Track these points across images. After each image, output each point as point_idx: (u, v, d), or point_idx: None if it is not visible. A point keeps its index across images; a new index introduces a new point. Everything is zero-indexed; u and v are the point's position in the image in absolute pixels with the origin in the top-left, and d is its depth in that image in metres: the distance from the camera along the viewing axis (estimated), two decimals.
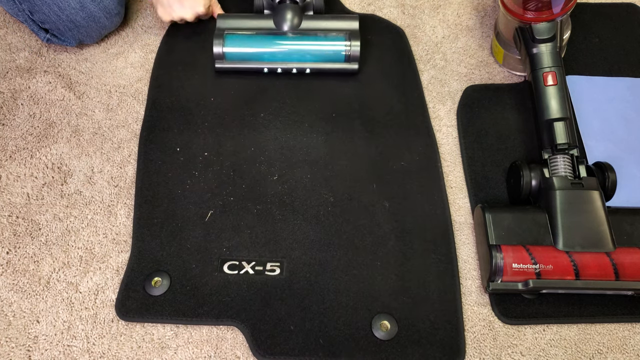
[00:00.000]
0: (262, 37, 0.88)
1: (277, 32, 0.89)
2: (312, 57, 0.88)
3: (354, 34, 0.88)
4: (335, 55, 0.88)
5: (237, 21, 0.90)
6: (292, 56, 0.88)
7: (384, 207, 0.79)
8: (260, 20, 0.91)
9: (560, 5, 0.80)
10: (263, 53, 0.88)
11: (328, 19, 0.90)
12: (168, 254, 0.74)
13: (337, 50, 0.88)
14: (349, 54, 0.88)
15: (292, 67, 0.89)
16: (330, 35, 0.88)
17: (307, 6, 0.92)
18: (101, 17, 0.88)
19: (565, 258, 0.68)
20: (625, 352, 0.70)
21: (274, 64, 0.89)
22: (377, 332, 0.69)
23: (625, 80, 0.93)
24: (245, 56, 0.89)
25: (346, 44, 0.87)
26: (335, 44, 0.88)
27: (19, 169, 0.81)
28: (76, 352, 0.67)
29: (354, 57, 0.88)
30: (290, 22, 0.89)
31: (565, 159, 0.75)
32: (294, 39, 0.88)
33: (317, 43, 0.88)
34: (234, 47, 0.88)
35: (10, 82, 0.89)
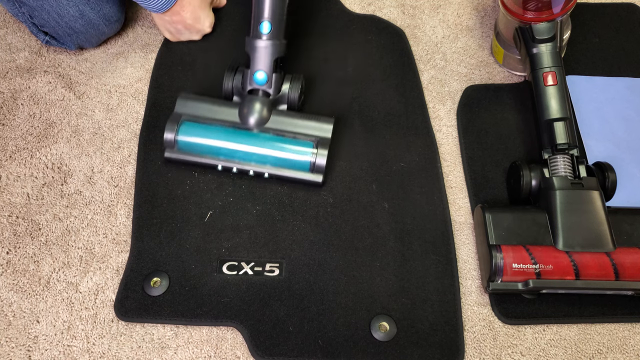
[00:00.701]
0: (223, 131, 0.78)
1: (241, 126, 0.79)
2: (273, 161, 0.78)
3: (323, 142, 0.77)
4: (298, 163, 0.78)
5: (199, 106, 0.80)
6: (251, 157, 0.78)
7: (384, 208, 0.79)
8: (224, 110, 0.80)
9: (560, 5, 0.80)
10: (220, 148, 0.78)
11: (300, 118, 0.80)
12: (167, 254, 0.74)
13: (302, 160, 0.77)
14: (313, 163, 0.77)
15: (250, 169, 0.78)
16: (298, 139, 0.78)
17: (280, 99, 0.81)
18: (100, 25, 0.88)
19: (565, 258, 0.68)
20: (625, 352, 0.70)
21: (230, 163, 0.78)
22: (376, 333, 0.69)
23: (625, 80, 0.92)
24: (200, 149, 0.78)
25: (313, 151, 0.77)
26: (301, 150, 0.77)
27: (19, 169, 0.81)
28: (76, 352, 0.67)
29: (319, 168, 0.77)
30: (258, 116, 0.78)
31: (565, 159, 0.75)
32: (258, 138, 0.78)
33: (281, 146, 0.77)
34: (188, 137, 0.78)
35: (10, 82, 0.90)
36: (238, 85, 0.81)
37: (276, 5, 0.78)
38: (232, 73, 0.82)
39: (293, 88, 0.81)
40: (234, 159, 0.78)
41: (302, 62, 0.93)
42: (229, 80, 0.82)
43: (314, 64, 0.93)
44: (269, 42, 0.78)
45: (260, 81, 0.79)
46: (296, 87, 0.81)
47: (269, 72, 0.79)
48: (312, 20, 0.99)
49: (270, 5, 0.78)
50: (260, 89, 0.80)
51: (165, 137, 0.78)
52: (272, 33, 0.78)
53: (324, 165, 0.77)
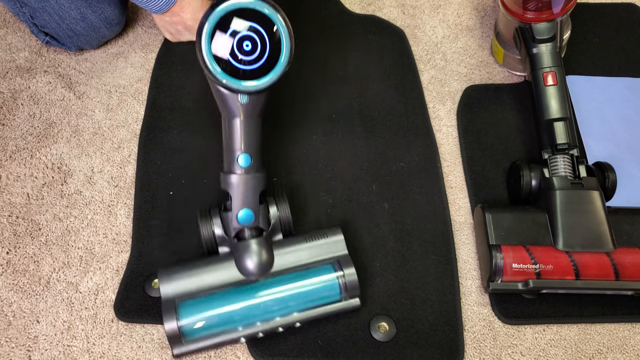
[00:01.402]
0: (227, 294, 0.64)
1: (243, 281, 0.65)
2: (298, 306, 0.66)
3: (344, 260, 0.67)
4: (327, 296, 0.66)
5: (187, 277, 0.65)
6: (273, 311, 0.65)
7: (384, 208, 0.79)
8: (217, 268, 0.66)
9: (560, 5, 0.80)
10: (234, 317, 0.64)
11: (305, 242, 0.68)
12: (168, 254, 0.74)
13: (330, 290, 0.66)
14: (345, 287, 0.66)
15: (277, 326, 0.65)
16: (315, 268, 0.67)
17: (274, 230, 0.69)
18: (101, 27, 0.88)
19: (565, 258, 0.68)
20: (625, 352, 0.70)
21: (252, 329, 0.65)
22: (376, 333, 0.69)
23: (625, 80, 0.92)
24: (212, 328, 0.64)
25: (337, 274, 0.66)
26: (324, 280, 0.66)
27: (19, 169, 0.81)
28: (76, 352, 0.67)
29: (353, 290, 0.66)
30: (260, 263, 0.65)
31: (565, 159, 0.75)
32: (270, 286, 0.65)
33: (300, 287, 0.65)
34: (193, 319, 0.63)
35: (10, 82, 0.90)
36: (220, 232, 0.67)
37: (253, 133, 0.65)
38: (207, 220, 0.68)
39: (282, 209, 0.69)
40: (255, 322, 0.65)
41: (302, 62, 0.93)
42: (207, 228, 0.67)
43: (314, 63, 0.93)
44: (249, 176, 0.65)
45: (246, 220, 0.66)
46: (285, 206, 0.69)
47: (255, 207, 0.66)
48: (312, 20, 0.99)
49: (245, 135, 0.65)
50: (248, 229, 0.67)
51: (167, 331, 0.62)
52: (252, 166, 0.65)
53: (356, 283, 0.66)
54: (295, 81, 0.91)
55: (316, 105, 0.88)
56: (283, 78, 0.62)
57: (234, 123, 0.64)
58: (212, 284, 0.65)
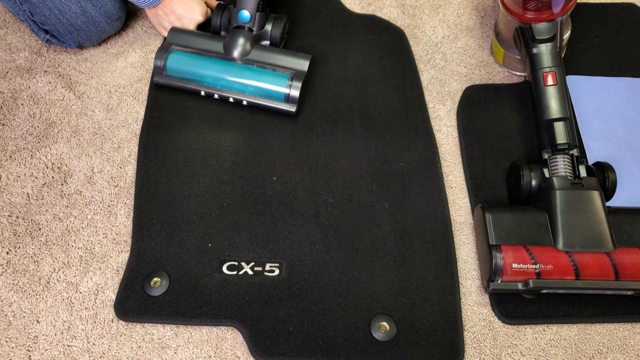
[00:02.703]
0: (208, 60, 0.86)
1: (225, 57, 0.86)
2: (252, 90, 0.85)
3: (298, 75, 0.84)
4: (275, 93, 0.85)
5: (188, 38, 0.88)
6: (233, 85, 0.85)
7: (384, 208, 0.79)
8: (211, 42, 0.88)
9: (560, 5, 0.80)
10: (205, 76, 0.86)
11: (279, 53, 0.87)
12: (167, 254, 0.74)
13: (277, 89, 0.84)
14: (288, 94, 0.84)
15: (230, 95, 0.86)
16: (276, 72, 0.85)
17: (263, 35, 0.89)
18: (102, 22, 0.88)
19: (565, 258, 0.68)
20: (625, 352, 0.70)
21: (213, 90, 0.86)
22: (376, 333, 0.69)
23: (625, 80, 0.92)
24: (186, 75, 0.86)
25: (288, 83, 0.84)
26: (277, 81, 0.84)
27: (19, 169, 0.81)
28: (76, 352, 0.67)
29: (293, 99, 0.84)
30: (241, 49, 0.86)
31: (565, 159, 0.75)
32: (239, 68, 0.85)
33: (259, 77, 0.85)
34: (176, 64, 0.86)
35: (10, 82, 0.89)
36: (225, 22, 0.89)
37: None
38: (220, 11, 0.89)
39: (275, 27, 0.88)
40: (217, 87, 0.86)
41: None
42: (217, 17, 0.89)
43: (314, 63, 0.93)
44: None
45: (244, 18, 0.86)
46: (278, 26, 0.88)
47: (253, 11, 0.86)
48: (312, 20, 0.99)
49: None
50: (245, 26, 0.87)
51: (155, 63, 0.85)
52: None
53: (297, 96, 0.83)
54: None
55: (316, 105, 0.88)
56: None
57: None
58: (202, 48, 0.87)
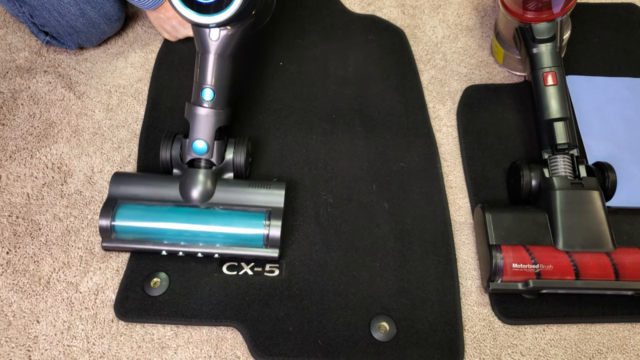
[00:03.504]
0: (164, 210, 0.71)
1: (183, 203, 0.72)
2: (223, 239, 0.71)
3: (276, 212, 0.71)
4: (250, 238, 0.71)
5: (135, 185, 0.73)
6: (198, 236, 0.71)
7: (384, 208, 0.79)
8: (163, 186, 0.73)
9: (560, 5, 0.80)
10: (163, 231, 0.71)
11: (248, 188, 0.74)
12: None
13: (254, 234, 0.70)
14: (266, 235, 0.70)
15: (197, 250, 0.71)
16: (248, 211, 0.72)
17: (225, 168, 0.75)
18: (101, 24, 0.88)
19: (565, 258, 0.68)
20: (625, 352, 0.70)
21: (175, 247, 0.71)
22: (376, 333, 0.69)
23: (625, 80, 0.92)
24: (140, 234, 0.71)
25: (265, 223, 0.70)
26: (252, 223, 0.71)
27: (19, 169, 0.81)
28: (76, 352, 0.67)
29: (273, 241, 0.70)
30: (202, 190, 0.72)
31: (565, 159, 0.75)
32: (203, 214, 0.71)
33: (229, 222, 0.71)
34: (125, 222, 0.70)
35: (10, 82, 0.90)
36: (176, 156, 0.74)
37: (221, 71, 0.72)
38: (169, 142, 0.75)
39: (238, 153, 0.75)
40: (179, 242, 0.71)
41: (302, 62, 0.93)
42: (166, 150, 0.74)
43: (314, 63, 0.93)
44: (210, 110, 0.72)
45: (200, 151, 0.72)
46: (241, 151, 0.75)
47: (210, 140, 0.72)
48: (312, 20, 0.99)
49: (214, 71, 0.71)
50: (202, 159, 0.73)
51: (100, 225, 0.70)
52: (215, 101, 0.72)
53: (278, 237, 0.70)
54: (295, 81, 0.91)
55: (316, 105, 0.88)
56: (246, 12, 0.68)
57: (205, 58, 0.72)
58: (154, 197, 0.73)
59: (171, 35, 0.93)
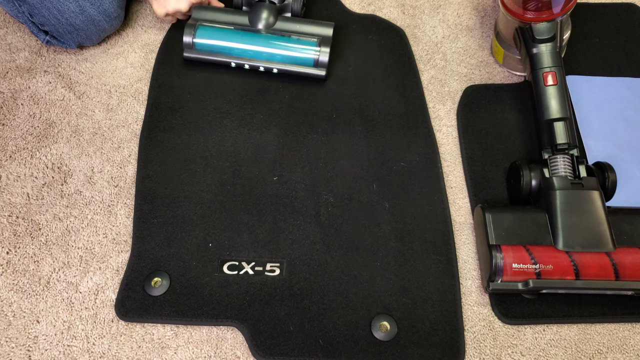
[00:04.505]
0: (234, 33, 0.89)
1: (250, 29, 0.89)
2: (281, 58, 0.88)
3: (325, 40, 0.88)
4: (303, 59, 0.88)
5: (213, 14, 0.91)
6: (261, 55, 0.88)
7: (384, 208, 0.79)
8: (235, 16, 0.91)
9: (560, 5, 0.80)
10: (233, 48, 0.88)
11: (303, 23, 0.90)
12: (168, 254, 0.74)
13: (306, 55, 0.88)
14: (317, 60, 0.87)
15: (260, 65, 0.89)
16: (302, 39, 0.88)
17: (284, 8, 0.92)
18: (101, 21, 0.88)
19: (565, 258, 0.68)
20: (625, 352, 0.70)
21: (242, 60, 0.89)
22: (377, 332, 0.69)
23: (625, 80, 0.93)
24: (215, 49, 0.89)
25: (316, 49, 0.87)
26: (305, 47, 0.88)
27: (19, 169, 0.81)
28: (76, 352, 0.67)
29: (322, 64, 0.88)
30: (265, 21, 0.89)
31: (565, 159, 0.75)
32: (266, 38, 0.88)
33: (287, 45, 0.88)
34: (204, 39, 0.88)
35: (10, 82, 0.89)
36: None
37: None
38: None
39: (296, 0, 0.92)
40: (246, 57, 0.89)
41: None
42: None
43: None
44: None
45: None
46: None
47: None
48: None
49: None
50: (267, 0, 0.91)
51: (184, 40, 0.88)
52: None
53: (326, 60, 0.87)
54: (295, 81, 0.91)
55: (316, 104, 0.88)
56: None
57: None
58: (228, 22, 0.90)
59: (160, 5, 0.90)
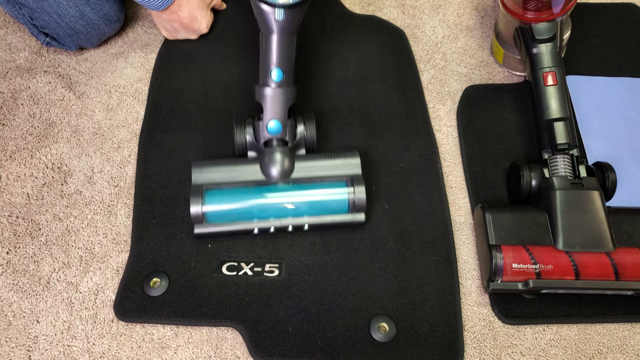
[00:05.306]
0: (250, 192, 0.72)
1: (265, 182, 0.73)
2: (310, 210, 0.73)
3: (357, 179, 0.73)
4: (336, 207, 0.73)
5: (216, 170, 0.74)
6: (286, 212, 0.73)
7: (384, 208, 0.79)
8: (244, 168, 0.74)
9: (560, 5, 0.80)
10: (252, 211, 0.72)
11: (324, 159, 0.75)
12: (167, 254, 0.74)
13: (339, 202, 0.73)
14: (352, 202, 0.72)
15: (288, 224, 0.73)
16: (329, 181, 0.74)
17: (298, 144, 0.77)
18: (101, 24, 0.88)
19: (565, 258, 0.68)
20: (625, 352, 0.70)
21: (266, 223, 0.73)
22: (376, 334, 0.69)
23: (625, 80, 0.92)
24: (231, 216, 0.72)
25: (347, 190, 0.73)
26: (335, 192, 0.73)
27: (19, 169, 0.81)
28: (76, 352, 0.67)
29: (360, 206, 0.73)
30: (281, 169, 0.73)
31: (565, 159, 0.75)
32: (287, 190, 0.73)
33: (314, 194, 0.73)
34: (216, 206, 0.71)
35: (10, 82, 0.90)
36: (251, 139, 0.76)
37: (287, 49, 0.73)
38: (242, 127, 0.77)
39: (309, 129, 0.77)
40: (269, 218, 0.73)
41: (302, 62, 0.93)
42: (240, 134, 0.76)
43: (314, 64, 0.93)
44: (280, 90, 0.73)
45: (275, 130, 0.74)
46: (311, 126, 0.77)
47: (284, 119, 0.74)
48: (312, 20, 0.99)
49: (280, 51, 0.72)
50: (275, 139, 0.75)
51: (192, 212, 0.70)
52: (284, 80, 0.73)
53: (364, 201, 0.72)
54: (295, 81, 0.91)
55: (316, 105, 0.88)
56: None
57: (270, 39, 0.72)
58: (237, 179, 0.74)
59: (170, 34, 0.93)
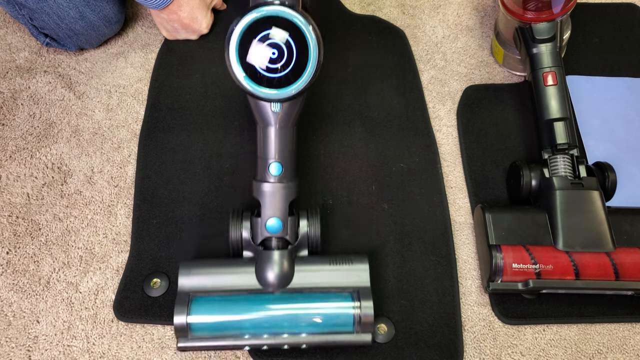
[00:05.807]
0: (243, 302, 0.63)
1: (261, 290, 0.64)
2: (308, 328, 0.63)
3: (364, 292, 0.64)
4: (339, 325, 0.63)
5: (206, 274, 0.65)
6: (282, 327, 0.63)
7: (383, 209, 0.79)
8: (237, 272, 0.66)
9: (560, 5, 0.80)
10: (244, 324, 0.63)
11: (328, 266, 0.66)
12: (167, 255, 0.74)
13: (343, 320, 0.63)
14: (358, 319, 0.63)
15: (283, 342, 0.63)
16: (332, 293, 0.65)
17: (300, 245, 0.67)
18: (101, 26, 0.88)
19: (565, 258, 0.68)
20: (625, 352, 0.70)
21: (259, 340, 0.63)
22: (375, 334, 0.68)
23: (625, 80, 0.92)
24: (219, 329, 0.63)
25: (353, 305, 0.63)
26: (339, 306, 0.63)
27: (19, 169, 0.81)
28: (76, 352, 0.67)
29: (366, 325, 0.63)
30: (280, 275, 0.64)
31: (565, 159, 0.75)
32: (285, 301, 0.64)
33: (314, 307, 0.63)
34: (203, 317, 0.62)
35: (10, 82, 0.90)
36: (247, 237, 0.67)
37: (286, 142, 0.66)
38: (238, 222, 0.67)
39: (313, 227, 0.68)
40: (262, 334, 0.63)
41: None
42: (235, 230, 0.67)
43: None
44: (280, 185, 0.66)
45: (274, 229, 0.65)
46: (316, 225, 0.68)
47: (284, 217, 0.66)
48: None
49: (278, 144, 0.65)
50: (275, 238, 0.66)
51: (176, 323, 0.61)
52: (283, 175, 0.66)
53: (372, 318, 0.62)
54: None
55: (316, 105, 0.88)
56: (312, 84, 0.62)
57: (268, 132, 0.65)
58: (229, 286, 0.65)
59: (170, 34, 0.93)
